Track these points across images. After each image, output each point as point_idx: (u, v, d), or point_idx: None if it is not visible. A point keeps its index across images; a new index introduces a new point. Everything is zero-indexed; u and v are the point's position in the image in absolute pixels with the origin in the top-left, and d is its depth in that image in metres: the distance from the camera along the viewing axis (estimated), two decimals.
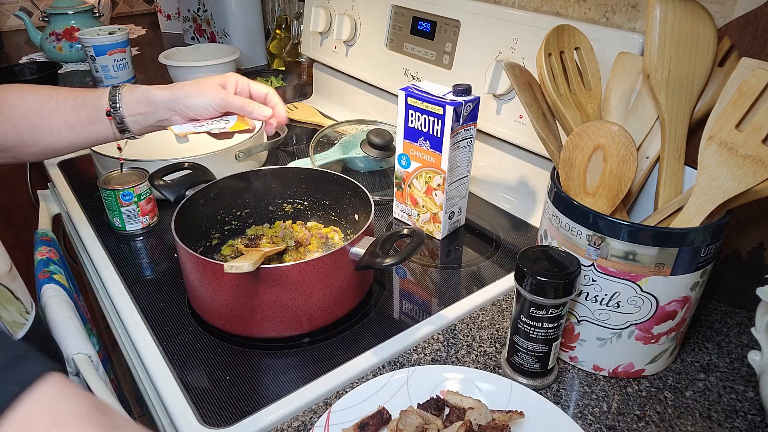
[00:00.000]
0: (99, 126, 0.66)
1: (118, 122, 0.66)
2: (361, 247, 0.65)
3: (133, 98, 0.65)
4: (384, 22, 1.11)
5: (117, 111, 0.65)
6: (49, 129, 0.65)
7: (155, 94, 0.65)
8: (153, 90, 0.66)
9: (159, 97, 0.65)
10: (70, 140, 0.67)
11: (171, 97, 0.65)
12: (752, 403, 0.60)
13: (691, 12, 0.57)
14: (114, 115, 0.65)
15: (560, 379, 0.62)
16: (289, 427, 0.57)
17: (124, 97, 0.65)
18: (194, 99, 0.65)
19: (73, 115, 0.65)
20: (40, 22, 1.72)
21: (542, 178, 0.90)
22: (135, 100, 0.65)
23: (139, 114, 0.66)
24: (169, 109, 0.66)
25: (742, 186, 0.51)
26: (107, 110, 0.65)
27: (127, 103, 0.66)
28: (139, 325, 0.69)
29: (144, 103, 0.66)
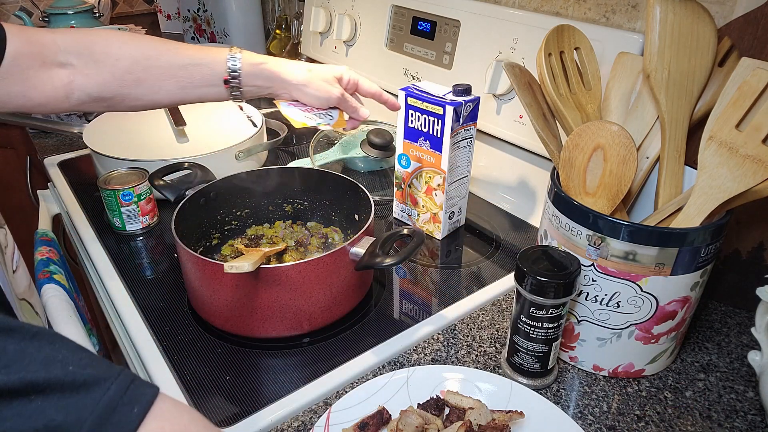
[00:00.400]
0: (213, 89, 0.67)
1: (233, 89, 0.67)
2: (361, 247, 0.65)
3: (252, 71, 0.66)
4: (384, 22, 1.11)
5: (235, 81, 0.66)
6: (158, 86, 0.64)
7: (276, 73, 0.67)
8: (274, 67, 0.67)
9: (280, 76, 0.67)
10: (178, 98, 0.66)
11: (291, 80, 0.68)
12: (752, 403, 0.60)
13: (691, 12, 0.57)
14: (231, 83, 0.66)
15: (560, 379, 0.62)
16: (289, 427, 0.57)
17: (243, 69, 0.66)
18: (314, 90, 0.68)
19: (185, 75, 0.65)
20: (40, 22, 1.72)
21: (542, 178, 0.90)
22: (254, 73, 0.66)
23: (255, 86, 0.68)
24: (285, 89, 0.69)
25: (742, 186, 0.51)
26: (225, 78, 0.65)
27: (245, 75, 0.66)
28: (139, 325, 0.69)
29: (264, 78, 0.67)
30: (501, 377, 0.59)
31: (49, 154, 1.11)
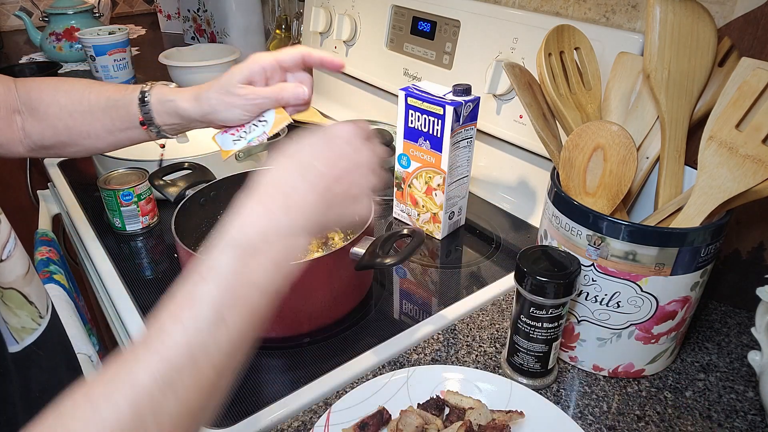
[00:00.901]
0: (136, 132, 0.63)
1: (153, 130, 0.63)
2: (361, 247, 0.65)
3: (163, 110, 0.62)
4: (384, 22, 1.11)
5: (150, 122, 0.62)
6: (87, 132, 0.63)
7: (184, 110, 0.61)
8: (181, 103, 0.61)
9: (188, 113, 0.61)
10: (110, 142, 0.64)
11: (200, 112, 0.60)
12: (752, 403, 0.60)
13: (691, 12, 0.57)
14: (148, 125, 0.62)
15: (560, 379, 0.62)
16: (289, 427, 0.57)
17: (154, 108, 0.62)
18: (224, 114, 0.59)
19: (107, 119, 0.62)
20: (40, 22, 1.72)
21: (542, 178, 0.90)
22: (166, 111, 0.62)
23: (173, 124, 0.63)
24: (201, 122, 0.62)
25: (742, 186, 0.51)
26: (140, 120, 0.62)
27: (158, 114, 0.62)
28: (139, 326, 0.69)
29: (174, 116, 0.62)
30: (501, 377, 0.59)
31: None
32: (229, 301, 0.33)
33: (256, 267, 0.35)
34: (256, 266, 0.35)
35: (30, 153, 0.64)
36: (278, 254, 0.36)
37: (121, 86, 0.64)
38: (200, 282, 0.34)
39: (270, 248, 0.36)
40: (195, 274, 0.34)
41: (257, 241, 0.36)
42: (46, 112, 0.62)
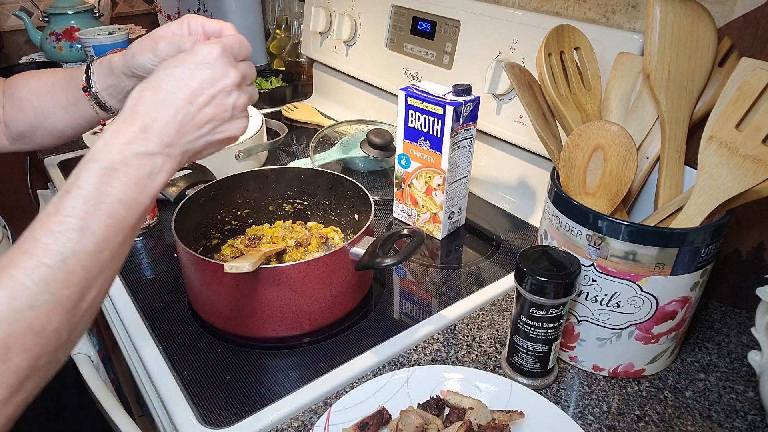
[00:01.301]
0: (83, 104, 0.61)
1: (95, 98, 0.60)
2: (361, 247, 0.65)
3: (101, 69, 0.59)
4: (384, 22, 1.11)
5: (90, 86, 0.60)
6: (48, 111, 0.63)
7: (113, 61, 0.58)
8: (114, 56, 0.58)
9: (116, 63, 0.58)
10: (66, 121, 0.63)
11: (123, 60, 0.56)
12: (752, 403, 0.60)
13: (691, 12, 0.57)
14: (90, 91, 0.60)
15: (560, 379, 0.62)
16: (289, 427, 0.57)
17: (95, 70, 0.60)
18: (140, 56, 0.55)
19: (62, 94, 0.62)
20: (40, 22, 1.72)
21: (542, 178, 0.90)
22: (102, 71, 0.59)
23: (108, 86, 0.60)
24: (129, 76, 0.58)
25: (742, 186, 0.51)
26: (83, 86, 0.60)
27: (97, 75, 0.60)
28: (139, 325, 0.69)
29: (108, 73, 0.59)
30: (501, 377, 0.59)
31: (49, 154, 1.11)
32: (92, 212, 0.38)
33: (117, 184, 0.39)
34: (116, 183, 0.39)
35: (12, 144, 0.65)
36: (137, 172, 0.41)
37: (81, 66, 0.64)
38: (65, 196, 0.39)
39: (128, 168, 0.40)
40: (62, 190, 0.39)
41: (117, 161, 0.40)
42: (20, 96, 0.63)
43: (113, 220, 0.39)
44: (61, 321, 0.37)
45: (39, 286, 0.35)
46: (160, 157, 0.42)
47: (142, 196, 0.41)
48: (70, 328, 0.38)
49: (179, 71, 0.44)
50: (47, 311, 0.36)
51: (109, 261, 0.40)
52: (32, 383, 0.36)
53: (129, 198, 0.40)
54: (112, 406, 0.64)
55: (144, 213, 0.42)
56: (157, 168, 0.42)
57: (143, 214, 0.42)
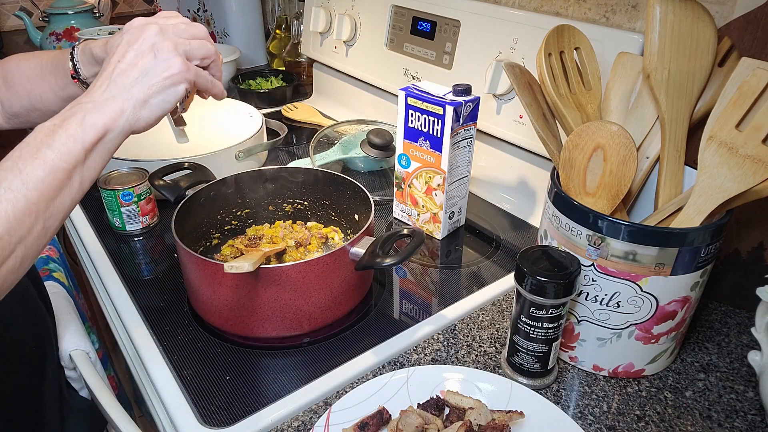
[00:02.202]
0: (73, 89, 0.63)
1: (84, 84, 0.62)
2: (361, 247, 0.65)
3: (85, 58, 0.61)
4: (384, 22, 1.11)
5: (79, 74, 0.61)
6: (41, 94, 0.64)
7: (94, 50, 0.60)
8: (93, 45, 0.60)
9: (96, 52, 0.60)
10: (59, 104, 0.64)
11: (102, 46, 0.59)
12: (752, 403, 0.60)
13: (691, 12, 0.57)
14: (78, 78, 0.62)
15: (560, 379, 0.62)
16: (289, 427, 0.57)
17: (79, 58, 0.61)
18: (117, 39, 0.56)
19: (53, 79, 0.63)
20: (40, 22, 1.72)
21: (542, 178, 0.90)
22: (87, 60, 0.61)
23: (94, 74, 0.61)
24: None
25: (742, 186, 0.51)
26: (71, 73, 0.61)
27: (83, 64, 0.61)
28: (139, 325, 0.69)
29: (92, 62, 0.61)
30: (501, 377, 0.59)
31: None
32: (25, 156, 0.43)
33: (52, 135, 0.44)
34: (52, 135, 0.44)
35: (8, 122, 0.67)
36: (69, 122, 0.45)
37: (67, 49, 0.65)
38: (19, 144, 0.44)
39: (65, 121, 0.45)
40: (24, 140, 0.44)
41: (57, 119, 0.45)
42: (12, 79, 0.64)
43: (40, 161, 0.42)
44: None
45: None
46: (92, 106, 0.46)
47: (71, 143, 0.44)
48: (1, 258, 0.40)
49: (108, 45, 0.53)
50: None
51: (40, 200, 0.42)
52: None
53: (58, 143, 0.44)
54: (112, 405, 0.64)
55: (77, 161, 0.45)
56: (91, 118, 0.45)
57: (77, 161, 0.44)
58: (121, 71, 0.47)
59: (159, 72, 0.48)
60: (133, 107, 0.47)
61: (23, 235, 0.42)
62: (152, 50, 0.49)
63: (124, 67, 0.47)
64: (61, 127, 0.44)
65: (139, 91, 0.48)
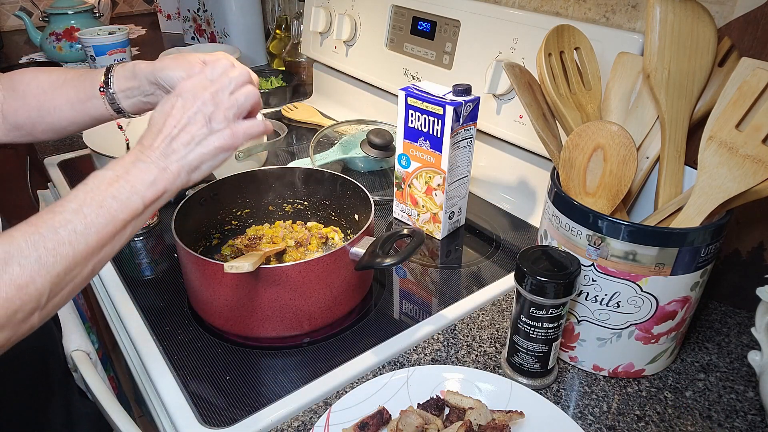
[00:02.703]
0: (94, 102, 0.66)
1: (110, 98, 0.65)
2: (361, 247, 0.65)
3: (123, 72, 0.65)
4: (384, 22, 1.11)
5: (108, 86, 0.65)
6: (53, 106, 0.66)
7: (139, 67, 0.64)
8: (139, 63, 0.64)
9: (142, 69, 0.64)
10: (70, 118, 0.67)
11: (151, 69, 0.63)
12: (752, 403, 0.60)
13: (691, 12, 0.57)
14: (106, 90, 0.65)
15: (560, 379, 0.62)
16: (289, 427, 0.57)
17: (116, 72, 0.65)
18: (171, 71, 0.61)
19: (73, 92, 0.66)
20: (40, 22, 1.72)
21: (542, 178, 0.90)
22: (124, 74, 0.65)
23: (127, 89, 0.65)
24: (151, 82, 0.64)
25: (742, 186, 0.51)
26: (100, 86, 0.65)
27: (117, 78, 0.65)
28: (139, 325, 0.69)
29: (131, 77, 0.64)
30: (501, 377, 0.59)
31: (49, 154, 1.11)
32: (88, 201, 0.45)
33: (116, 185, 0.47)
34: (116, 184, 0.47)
35: (6, 136, 0.68)
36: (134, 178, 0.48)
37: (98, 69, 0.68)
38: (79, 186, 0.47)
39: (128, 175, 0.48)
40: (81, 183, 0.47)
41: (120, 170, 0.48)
42: (25, 90, 0.66)
43: (104, 210, 0.45)
44: (43, 285, 0.42)
45: (30, 248, 0.41)
46: (154, 167, 0.49)
47: (134, 198, 0.47)
48: (50, 295, 0.42)
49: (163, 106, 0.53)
50: (32, 272, 0.41)
51: (96, 246, 0.45)
52: (4, 335, 0.40)
53: (122, 196, 0.47)
54: (112, 405, 0.64)
55: (135, 214, 0.48)
56: (151, 178, 0.49)
57: (134, 215, 0.48)
58: (177, 137, 0.51)
59: (212, 142, 0.52)
60: (187, 172, 0.52)
61: (75, 275, 0.44)
62: (205, 120, 0.52)
63: (180, 134, 0.51)
64: (126, 180, 0.47)
65: (193, 159, 0.51)
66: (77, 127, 0.69)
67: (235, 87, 0.54)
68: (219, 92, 0.53)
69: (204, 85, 0.53)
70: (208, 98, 0.52)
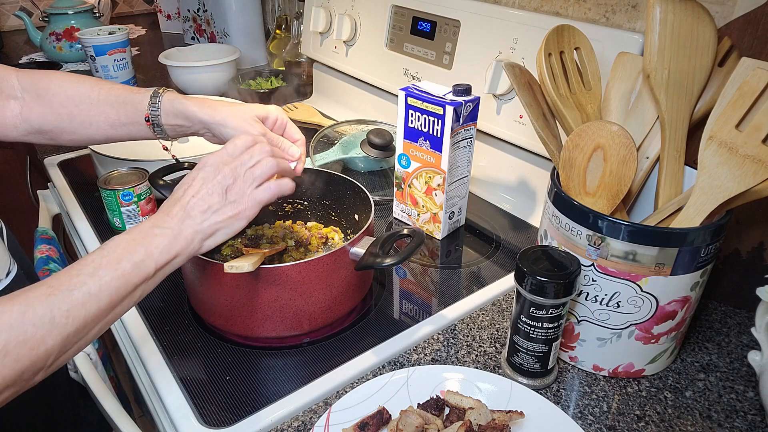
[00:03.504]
0: (138, 127, 0.68)
1: (156, 127, 0.68)
2: (361, 247, 0.65)
3: (171, 109, 0.67)
4: (384, 22, 1.11)
5: (156, 119, 0.67)
6: (89, 122, 0.67)
7: (193, 112, 0.66)
8: (191, 106, 0.66)
9: (196, 115, 0.66)
10: (108, 135, 0.69)
11: (208, 119, 0.66)
12: (752, 403, 0.60)
13: (691, 12, 0.57)
14: (152, 121, 0.67)
15: (560, 379, 0.62)
16: (289, 427, 0.57)
17: (163, 107, 0.67)
18: (231, 129, 0.65)
19: (113, 112, 0.67)
20: (40, 22, 1.72)
21: (542, 178, 0.90)
22: (173, 111, 0.67)
23: (175, 125, 0.68)
24: (203, 127, 0.67)
25: (742, 186, 0.51)
26: (146, 116, 0.67)
27: (165, 113, 0.67)
28: (139, 325, 0.69)
29: (181, 117, 0.67)
30: (501, 377, 0.59)
31: (49, 154, 1.11)
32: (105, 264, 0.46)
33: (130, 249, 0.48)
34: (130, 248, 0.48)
35: (24, 137, 0.69)
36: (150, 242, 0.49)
37: (133, 87, 0.70)
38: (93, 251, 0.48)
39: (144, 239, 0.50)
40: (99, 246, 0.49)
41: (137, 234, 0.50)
42: (52, 100, 0.67)
43: (118, 273, 0.46)
44: (53, 345, 0.42)
45: (45, 309, 0.42)
46: (169, 233, 0.51)
47: (148, 262, 0.49)
48: (57, 355, 0.43)
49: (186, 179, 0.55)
50: (45, 333, 0.41)
51: (107, 308, 0.46)
52: (9, 393, 0.41)
53: (136, 259, 0.48)
54: (112, 405, 0.64)
55: (147, 277, 0.49)
56: (165, 242, 0.50)
57: (146, 278, 0.49)
58: (194, 206, 0.53)
59: (226, 212, 0.54)
60: (201, 239, 0.53)
61: (82, 336, 0.45)
62: (223, 192, 0.54)
63: (197, 203, 0.53)
64: (141, 244, 0.49)
65: (208, 227, 0.53)
66: (111, 141, 0.71)
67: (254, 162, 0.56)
68: (239, 167, 0.55)
69: (225, 161, 0.55)
70: (228, 172, 0.55)
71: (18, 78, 0.67)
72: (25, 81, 0.67)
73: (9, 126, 0.67)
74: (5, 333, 0.39)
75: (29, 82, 0.67)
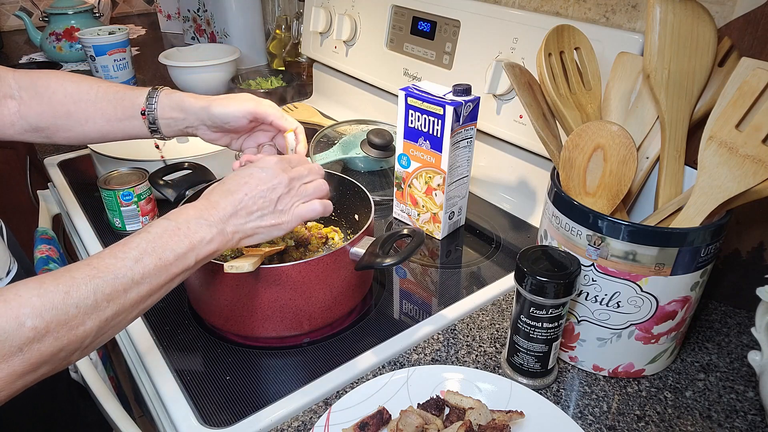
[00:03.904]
0: (133, 123, 0.69)
1: (151, 122, 0.68)
2: (361, 247, 0.65)
3: (168, 102, 0.68)
4: (384, 22, 1.11)
5: (152, 112, 0.68)
6: (85, 118, 0.68)
7: (189, 102, 0.67)
8: (187, 98, 0.68)
9: (191, 105, 0.67)
10: (104, 131, 0.70)
11: (202, 105, 0.67)
12: (752, 403, 0.60)
13: (691, 12, 0.57)
14: (148, 115, 0.68)
15: (560, 379, 0.62)
16: (289, 427, 0.57)
17: (160, 100, 0.68)
18: (224, 107, 0.66)
19: (110, 108, 0.68)
20: (40, 22, 1.72)
21: (542, 178, 0.90)
22: (169, 104, 0.68)
23: (170, 118, 0.68)
24: (198, 118, 0.68)
25: (742, 186, 0.51)
26: (142, 109, 0.67)
27: (162, 106, 0.68)
28: (139, 325, 0.69)
29: (177, 109, 0.68)
30: (501, 377, 0.59)
31: (49, 154, 1.11)
32: (150, 251, 0.47)
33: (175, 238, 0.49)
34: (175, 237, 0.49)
35: (20, 135, 0.69)
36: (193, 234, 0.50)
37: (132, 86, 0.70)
38: (138, 233, 0.48)
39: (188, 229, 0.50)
40: (142, 229, 0.49)
41: (182, 222, 0.50)
42: (51, 97, 0.67)
43: (162, 263, 0.47)
44: (91, 327, 0.42)
45: (89, 291, 0.42)
46: (214, 228, 0.52)
47: (190, 254, 0.49)
48: (93, 337, 0.43)
49: (243, 172, 0.56)
50: (85, 314, 0.42)
51: (146, 295, 0.47)
52: (45, 369, 0.41)
53: (180, 251, 0.48)
54: (112, 405, 0.64)
55: (186, 269, 0.50)
56: (209, 236, 0.51)
57: (186, 269, 0.50)
58: (244, 205, 0.54)
59: (270, 219, 0.56)
60: (240, 238, 0.54)
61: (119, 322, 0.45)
62: (274, 200, 0.55)
63: (248, 202, 0.54)
64: (185, 235, 0.49)
65: (250, 228, 0.55)
66: (106, 139, 0.72)
67: (310, 179, 0.58)
68: (295, 180, 0.57)
69: (284, 167, 0.57)
70: (285, 181, 0.56)
71: (14, 77, 0.67)
72: (22, 80, 0.67)
73: (6, 124, 0.68)
74: (49, 313, 0.39)
75: (28, 81, 0.67)
